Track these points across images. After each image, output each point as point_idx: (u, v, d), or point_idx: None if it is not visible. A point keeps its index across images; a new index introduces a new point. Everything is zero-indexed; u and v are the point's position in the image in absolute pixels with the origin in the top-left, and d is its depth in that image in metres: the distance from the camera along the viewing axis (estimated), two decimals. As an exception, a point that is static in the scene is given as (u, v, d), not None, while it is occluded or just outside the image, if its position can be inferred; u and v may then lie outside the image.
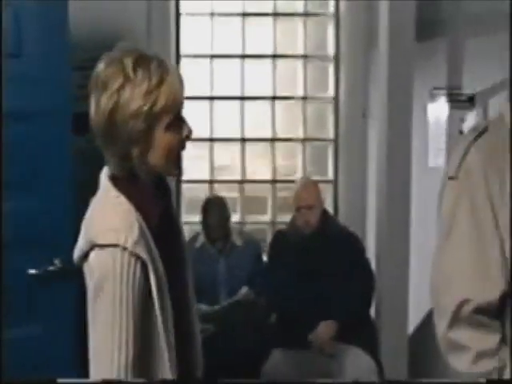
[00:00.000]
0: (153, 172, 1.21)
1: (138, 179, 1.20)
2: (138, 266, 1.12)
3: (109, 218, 1.15)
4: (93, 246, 1.13)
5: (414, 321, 2.73)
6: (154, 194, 1.23)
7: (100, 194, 1.22)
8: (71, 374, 1.96)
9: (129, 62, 1.13)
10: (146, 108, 1.13)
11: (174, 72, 1.18)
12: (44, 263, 2.06)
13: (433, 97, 2.79)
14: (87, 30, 2.62)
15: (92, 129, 1.18)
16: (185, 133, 1.21)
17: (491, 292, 1.09)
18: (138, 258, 1.12)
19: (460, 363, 1.11)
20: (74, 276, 2.07)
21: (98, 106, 1.15)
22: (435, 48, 2.79)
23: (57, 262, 2.07)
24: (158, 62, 1.15)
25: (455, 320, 1.12)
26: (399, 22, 2.44)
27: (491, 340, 1.11)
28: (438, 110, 2.87)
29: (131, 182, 1.19)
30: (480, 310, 1.10)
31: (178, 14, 3.25)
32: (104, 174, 1.23)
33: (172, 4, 3.20)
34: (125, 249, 1.11)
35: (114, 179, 1.20)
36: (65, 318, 2.09)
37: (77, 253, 1.18)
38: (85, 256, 1.15)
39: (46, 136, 2.09)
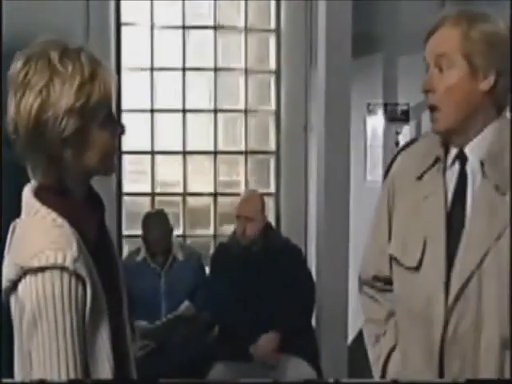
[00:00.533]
0: (85, 177, 1.11)
1: (69, 192, 1.09)
2: (80, 285, 1.02)
3: (41, 238, 1.03)
4: (25, 272, 1.01)
5: (353, 330, 2.78)
6: (86, 206, 1.12)
7: (25, 214, 1.10)
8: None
9: (55, 55, 1.03)
10: (79, 103, 1.03)
11: (104, 65, 1.08)
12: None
13: (370, 111, 2.88)
14: (22, 41, 2.55)
15: (11, 133, 1.05)
16: (119, 130, 1.13)
17: (384, 266, 1.32)
18: (78, 277, 1.01)
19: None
20: None
21: (19, 106, 1.02)
22: (371, 63, 2.88)
23: None
24: (87, 54, 1.06)
25: (360, 285, 1.42)
26: (336, 38, 2.50)
27: (378, 311, 1.34)
28: (375, 123, 2.96)
29: (61, 196, 1.08)
30: (376, 278, 1.35)
31: (118, 25, 3.21)
32: (27, 192, 1.11)
33: (112, 14, 3.16)
34: (63, 268, 1.00)
35: (40, 195, 1.09)
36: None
37: (4, 283, 1.05)
38: (13, 286, 1.03)
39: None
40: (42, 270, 1.00)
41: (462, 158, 1.20)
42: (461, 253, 1.17)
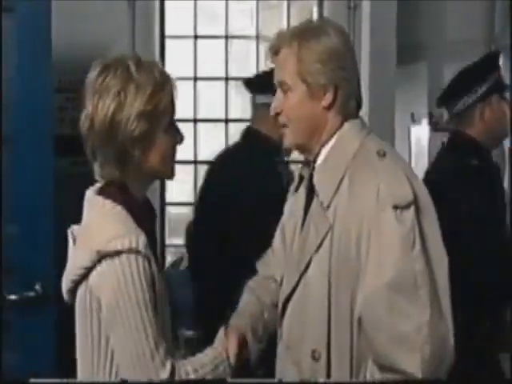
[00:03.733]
0: (147, 179, 1.24)
1: (129, 192, 1.21)
2: (150, 268, 1.13)
3: (114, 226, 1.14)
4: (101, 258, 1.11)
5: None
6: (143, 208, 1.24)
7: (91, 209, 1.21)
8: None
9: (132, 64, 1.17)
10: (149, 108, 1.16)
11: (173, 80, 1.23)
12: (23, 289, 2.02)
13: (414, 120, 2.83)
14: (68, 53, 2.63)
15: (86, 129, 1.18)
16: (179, 137, 1.27)
17: None
18: (149, 260, 1.12)
19: None
20: (53, 302, 2.05)
21: (97, 106, 1.16)
22: (416, 72, 2.84)
23: (37, 287, 2.03)
24: (158, 67, 1.21)
25: None
26: (380, 47, 2.48)
27: None
28: (420, 132, 2.91)
29: (124, 192, 1.20)
30: None
31: (162, 37, 3.27)
32: (89, 194, 1.23)
33: (156, 27, 3.22)
34: (138, 252, 1.10)
35: (104, 192, 1.20)
36: (44, 345, 2.04)
37: (74, 273, 1.15)
38: (85, 275, 1.13)
39: (27, 160, 2.07)
40: (119, 253, 1.10)
41: (311, 173, 1.25)
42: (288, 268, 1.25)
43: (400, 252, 1.09)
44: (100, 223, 1.16)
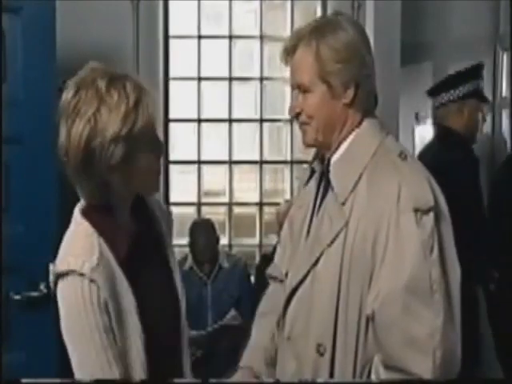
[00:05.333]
0: (129, 197, 1.18)
1: (112, 210, 1.16)
2: (97, 291, 1.09)
3: (71, 245, 1.14)
4: (57, 276, 1.11)
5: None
6: (127, 220, 1.19)
7: (72, 225, 1.19)
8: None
9: (102, 85, 1.09)
10: (125, 131, 1.08)
11: (148, 91, 1.14)
12: (28, 288, 2.03)
13: (419, 120, 2.83)
14: (72, 53, 2.63)
15: (64, 159, 1.11)
16: (161, 150, 1.19)
17: None
18: (94, 282, 1.09)
19: None
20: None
21: (70, 132, 1.09)
22: (420, 72, 2.83)
23: (42, 287, 2.04)
24: (132, 83, 1.12)
25: None
26: (384, 47, 2.47)
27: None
28: (424, 132, 2.90)
29: (103, 214, 1.16)
30: None
31: (166, 37, 3.27)
32: (76, 209, 1.19)
33: (160, 27, 3.22)
34: (82, 275, 1.08)
35: (85, 212, 1.17)
36: (47, 344, 2.05)
37: (53, 279, 1.16)
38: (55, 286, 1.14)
39: (31, 160, 2.08)
40: (65, 274, 1.10)
41: (327, 169, 1.23)
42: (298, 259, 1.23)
43: (418, 256, 1.09)
44: (68, 240, 1.15)
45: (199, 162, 3.31)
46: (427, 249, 1.09)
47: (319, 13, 3.31)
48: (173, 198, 3.29)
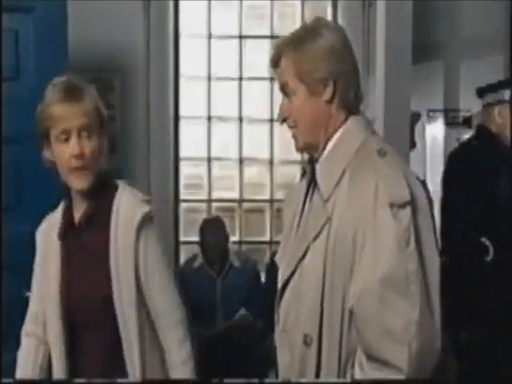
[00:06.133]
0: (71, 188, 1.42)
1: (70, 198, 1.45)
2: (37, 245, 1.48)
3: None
4: None
5: None
6: (79, 207, 1.42)
7: None
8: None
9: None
10: (38, 128, 1.38)
11: (62, 95, 1.36)
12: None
13: (430, 117, 2.81)
14: (85, 51, 2.65)
15: None
16: (69, 150, 1.35)
17: None
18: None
19: None
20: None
21: None
22: (432, 70, 2.82)
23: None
24: (59, 86, 1.38)
25: None
26: (396, 45, 2.46)
27: None
28: (435, 130, 2.89)
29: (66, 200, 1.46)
30: None
31: (176, 35, 3.28)
32: None
33: (171, 25, 3.24)
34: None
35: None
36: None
37: None
38: None
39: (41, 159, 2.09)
40: None
41: (313, 169, 1.28)
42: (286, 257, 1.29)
43: (394, 249, 1.13)
44: None
45: (209, 160, 3.31)
46: (403, 242, 1.13)
47: (329, 12, 3.31)
48: (183, 195, 3.31)
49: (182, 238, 3.32)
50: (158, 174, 3.13)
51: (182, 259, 3.23)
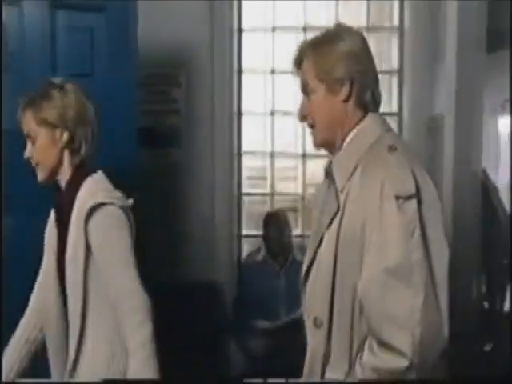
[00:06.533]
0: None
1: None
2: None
3: None
4: None
5: None
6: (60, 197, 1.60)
7: None
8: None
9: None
10: None
11: (22, 104, 1.57)
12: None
13: (504, 109, 2.69)
14: (153, 49, 2.71)
15: None
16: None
17: None
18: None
19: None
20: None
21: None
22: (506, 59, 2.69)
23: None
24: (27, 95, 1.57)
25: None
26: (469, 34, 2.37)
27: None
28: (509, 121, 2.76)
29: None
30: None
31: (240, 29, 3.30)
32: None
33: (234, 19, 3.25)
34: None
35: None
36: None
37: None
38: None
39: (118, 152, 2.15)
40: None
41: (330, 167, 1.35)
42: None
43: (399, 240, 1.18)
44: None
45: (272, 154, 3.32)
46: (408, 233, 1.18)
47: (396, 5, 3.23)
48: (245, 189, 3.33)
49: (244, 232, 3.35)
50: (221, 168, 3.17)
51: (245, 253, 3.26)
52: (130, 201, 1.56)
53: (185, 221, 3.07)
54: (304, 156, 3.31)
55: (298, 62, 1.34)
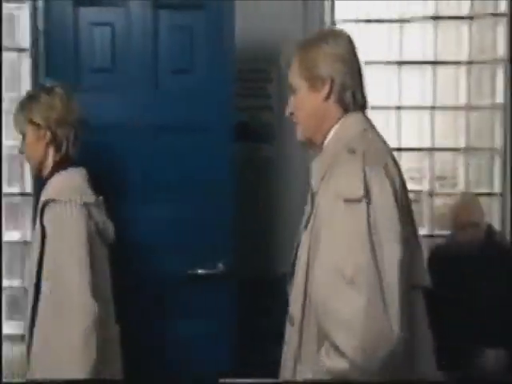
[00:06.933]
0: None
1: None
2: None
3: None
4: None
5: None
6: None
7: None
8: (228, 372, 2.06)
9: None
10: None
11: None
12: (208, 265, 2.17)
13: None
14: (247, 45, 2.74)
15: None
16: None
17: None
18: None
19: None
20: (234, 278, 2.17)
21: None
22: None
23: (220, 265, 2.17)
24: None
25: None
26: None
27: None
28: None
29: None
30: None
31: (332, 22, 3.25)
32: None
33: (327, 11, 3.21)
34: None
35: None
36: (228, 314, 2.17)
37: None
38: None
39: (210, 146, 2.21)
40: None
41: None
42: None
43: (345, 241, 1.21)
44: None
45: (400, 150, 3.15)
46: (355, 235, 1.21)
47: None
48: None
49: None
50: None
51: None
52: (95, 198, 1.68)
53: (275, 218, 3.08)
54: (400, 150, 3.19)
55: (288, 62, 1.44)
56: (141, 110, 2.17)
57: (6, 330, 2.43)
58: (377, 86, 3.19)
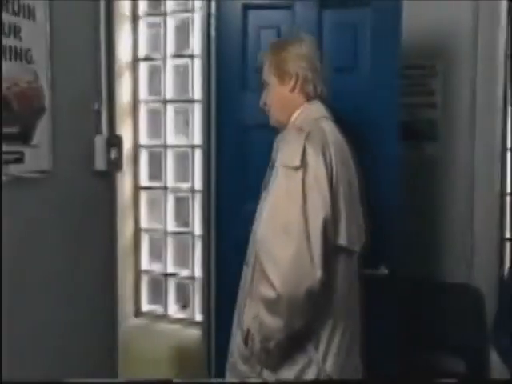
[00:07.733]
0: None
1: None
2: None
3: None
4: None
5: None
6: None
7: None
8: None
9: None
10: None
11: None
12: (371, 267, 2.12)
13: None
14: (409, 39, 2.63)
15: None
16: None
17: None
18: None
19: None
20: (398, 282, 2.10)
21: None
22: None
23: (382, 267, 2.12)
24: None
25: None
26: None
27: None
28: None
29: None
30: None
31: (510, 12, 2.99)
32: None
33: (503, 4, 2.96)
34: None
35: None
36: (389, 315, 2.14)
37: None
38: None
39: (376, 145, 2.17)
40: None
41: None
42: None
43: (282, 200, 1.50)
44: None
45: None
46: (290, 195, 1.49)
47: None
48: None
49: (507, 235, 3.04)
50: (482, 163, 2.93)
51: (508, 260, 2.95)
52: None
53: (440, 220, 2.93)
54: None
55: (262, 63, 1.76)
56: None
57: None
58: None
